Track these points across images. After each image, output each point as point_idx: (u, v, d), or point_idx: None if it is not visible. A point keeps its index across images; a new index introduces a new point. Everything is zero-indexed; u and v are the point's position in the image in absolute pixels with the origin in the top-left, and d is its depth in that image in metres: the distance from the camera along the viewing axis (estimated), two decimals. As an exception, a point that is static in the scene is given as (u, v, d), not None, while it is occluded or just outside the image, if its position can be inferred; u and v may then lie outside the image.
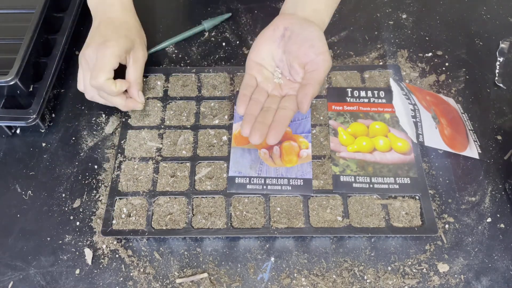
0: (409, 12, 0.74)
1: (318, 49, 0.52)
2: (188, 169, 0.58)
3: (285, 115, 0.53)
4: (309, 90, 0.52)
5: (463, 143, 0.59)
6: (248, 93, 0.55)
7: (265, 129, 0.52)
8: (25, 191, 0.59)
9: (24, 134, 0.64)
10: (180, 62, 0.69)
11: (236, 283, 0.52)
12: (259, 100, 0.54)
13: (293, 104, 0.53)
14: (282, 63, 0.56)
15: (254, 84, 0.56)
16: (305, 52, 0.53)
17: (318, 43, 0.53)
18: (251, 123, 0.52)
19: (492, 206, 0.56)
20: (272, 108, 0.54)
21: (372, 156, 0.57)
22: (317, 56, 0.52)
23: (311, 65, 0.53)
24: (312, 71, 0.53)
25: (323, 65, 0.52)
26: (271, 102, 0.54)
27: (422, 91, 0.63)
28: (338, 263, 0.53)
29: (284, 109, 0.53)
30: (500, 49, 0.69)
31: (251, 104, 0.54)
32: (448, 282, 0.51)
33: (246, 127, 0.52)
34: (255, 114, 0.53)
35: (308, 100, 0.52)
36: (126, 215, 0.55)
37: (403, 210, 0.54)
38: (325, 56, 0.52)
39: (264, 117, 0.53)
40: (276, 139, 0.51)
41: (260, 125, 0.52)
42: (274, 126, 0.52)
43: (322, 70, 0.52)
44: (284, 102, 0.54)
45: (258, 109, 0.54)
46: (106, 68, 0.56)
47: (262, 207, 0.55)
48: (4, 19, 0.70)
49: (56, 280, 0.53)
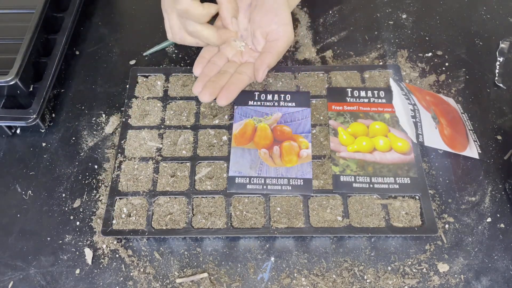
0: (409, 12, 0.74)
1: (281, 20, 0.53)
2: (188, 169, 0.58)
3: (240, 78, 0.53)
4: (267, 58, 0.53)
5: (463, 143, 0.59)
6: (208, 56, 0.55)
7: (217, 89, 0.52)
8: (25, 191, 0.59)
9: (24, 134, 0.64)
10: (180, 62, 0.69)
11: (236, 283, 0.52)
12: (217, 64, 0.55)
13: (250, 71, 0.54)
14: (246, 32, 0.56)
15: (215, 49, 0.56)
16: (268, 22, 0.53)
17: (282, 14, 0.53)
18: (204, 82, 0.53)
19: (492, 206, 0.56)
20: (229, 72, 0.54)
21: (372, 156, 0.57)
22: (279, 27, 0.53)
23: (272, 34, 0.53)
24: (272, 41, 0.53)
25: (284, 35, 0.53)
26: (228, 67, 0.55)
27: (422, 91, 0.63)
28: (338, 263, 0.53)
29: (240, 73, 0.54)
30: (500, 49, 0.69)
31: (208, 66, 0.55)
32: (448, 282, 0.51)
33: (199, 85, 0.53)
34: (210, 75, 0.53)
35: (264, 68, 0.53)
36: (126, 215, 0.55)
37: (403, 210, 0.54)
38: (287, 27, 0.53)
39: (218, 78, 0.53)
40: (227, 100, 0.52)
41: (212, 84, 0.52)
42: (227, 87, 0.52)
43: (283, 40, 0.53)
44: (241, 67, 0.55)
45: (214, 71, 0.54)
46: None
47: (262, 207, 0.55)
48: (4, 19, 0.70)
49: (56, 280, 0.53)
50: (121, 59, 0.70)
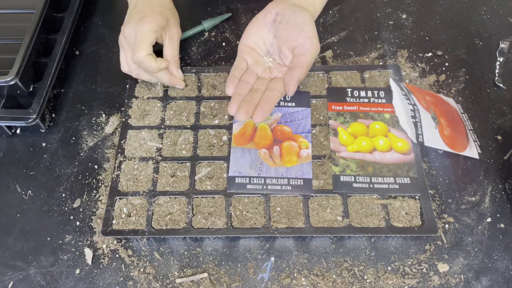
0: (409, 12, 0.74)
1: (307, 34, 0.54)
2: (188, 169, 0.58)
3: (272, 95, 0.54)
4: (296, 73, 0.54)
5: (463, 143, 0.59)
6: (238, 75, 0.56)
7: (252, 108, 0.53)
8: (25, 191, 0.59)
9: (24, 134, 0.64)
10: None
11: (236, 283, 0.52)
12: (248, 82, 0.56)
13: (280, 86, 0.55)
14: (272, 47, 0.58)
15: (244, 66, 0.57)
16: (294, 37, 0.54)
17: (307, 28, 0.54)
18: (239, 101, 0.54)
19: (492, 206, 0.56)
20: (260, 90, 0.55)
21: (372, 156, 0.57)
22: (306, 41, 0.54)
23: (299, 49, 0.54)
24: (300, 55, 0.54)
25: (311, 49, 0.54)
26: (259, 84, 0.56)
27: (422, 91, 0.63)
28: (338, 263, 0.53)
29: (272, 90, 0.55)
30: (500, 49, 0.68)
31: (240, 85, 0.56)
32: (448, 282, 0.51)
33: (233, 105, 0.54)
34: (243, 94, 0.55)
35: (295, 82, 0.54)
36: (126, 215, 0.55)
37: (403, 210, 0.54)
38: (313, 40, 0.54)
39: (251, 97, 0.54)
40: (262, 117, 0.53)
41: (246, 104, 0.53)
42: (261, 106, 0.53)
43: (310, 54, 0.54)
44: (272, 84, 0.56)
45: (246, 90, 0.55)
46: (145, 43, 0.57)
47: (262, 207, 0.55)
48: (4, 19, 0.70)
49: (56, 280, 0.53)
50: (121, 59, 0.70)
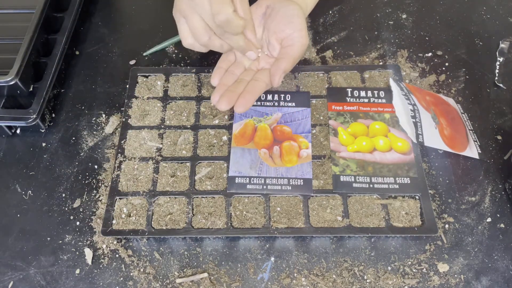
0: (409, 12, 0.74)
1: (295, 26, 0.53)
2: (188, 169, 0.58)
3: (257, 85, 0.54)
4: (282, 64, 0.53)
5: (463, 143, 0.59)
6: (225, 66, 0.56)
7: (234, 97, 0.52)
8: (25, 191, 0.59)
9: (24, 134, 0.64)
10: (180, 62, 0.69)
11: (236, 283, 0.52)
12: (234, 73, 0.56)
13: (266, 77, 0.54)
14: (261, 41, 0.57)
15: (232, 59, 0.57)
16: (283, 28, 0.54)
17: (296, 20, 0.54)
18: (222, 91, 0.53)
19: (492, 206, 0.56)
20: (245, 80, 0.55)
21: (372, 156, 0.57)
22: (294, 32, 0.54)
23: (287, 40, 0.54)
24: (288, 46, 0.54)
25: (299, 41, 0.53)
26: (245, 75, 0.56)
27: (422, 91, 0.63)
28: (338, 263, 0.53)
29: (257, 80, 0.54)
30: (500, 49, 0.69)
31: (226, 75, 0.55)
32: (448, 282, 0.51)
33: (216, 95, 0.53)
34: (228, 85, 0.54)
35: (280, 73, 0.53)
36: (126, 215, 0.55)
37: (403, 210, 0.54)
38: (302, 33, 0.54)
39: (235, 87, 0.53)
40: (244, 107, 0.52)
41: (229, 93, 0.52)
42: (243, 95, 0.52)
43: (298, 45, 0.54)
44: (258, 74, 0.55)
45: (232, 81, 0.55)
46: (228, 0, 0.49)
47: (262, 207, 0.55)
48: (4, 19, 0.70)
49: (56, 280, 0.53)
50: (121, 59, 0.70)
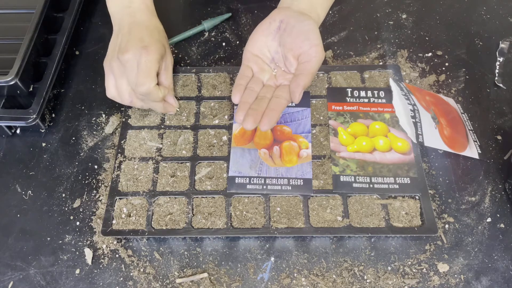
0: (409, 12, 0.74)
1: (312, 42, 0.54)
2: (188, 169, 0.58)
3: (279, 103, 0.54)
4: (301, 80, 0.54)
5: (463, 143, 0.59)
6: (244, 83, 0.56)
7: (259, 115, 0.53)
8: (25, 191, 0.59)
9: (24, 134, 0.64)
10: (180, 62, 0.69)
11: (236, 283, 0.52)
12: (254, 90, 0.56)
13: (286, 94, 0.55)
14: (277, 55, 0.57)
15: (250, 74, 0.57)
16: (299, 44, 0.54)
17: (312, 36, 0.54)
18: (245, 110, 0.54)
19: (492, 206, 0.56)
20: (267, 97, 0.55)
21: (372, 156, 0.57)
22: (310, 48, 0.54)
23: (304, 56, 0.54)
24: (305, 62, 0.54)
25: (316, 56, 0.54)
26: (265, 92, 0.56)
27: (422, 91, 0.63)
28: (338, 263, 0.53)
29: (278, 97, 0.55)
30: (500, 49, 0.69)
31: (246, 93, 0.56)
32: (448, 282, 0.51)
33: (240, 114, 0.54)
34: (250, 102, 0.55)
35: (300, 90, 0.54)
36: (126, 215, 0.55)
37: (403, 210, 0.54)
38: (318, 48, 0.54)
39: (258, 105, 0.54)
40: (269, 125, 0.53)
41: (253, 112, 0.53)
42: (267, 113, 0.53)
43: (315, 61, 0.54)
44: (278, 91, 0.56)
45: (253, 98, 0.55)
46: (152, 74, 0.56)
47: (262, 207, 0.55)
48: (4, 19, 0.70)
49: (56, 280, 0.53)
50: (121, 59, 0.70)
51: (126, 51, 0.56)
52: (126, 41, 0.57)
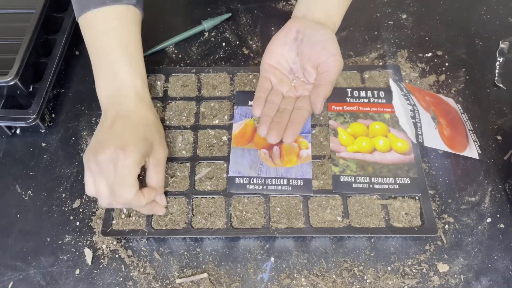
0: (409, 12, 0.74)
1: (330, 51, 0.54)
2: (188, 169, 0.58)
3: (301, 114, 0.54)
4: (322, 90, 0.53)
5: (463, 143, 0.59)
6: (264, 95, 0.56)
7: (282, 128, 0.53)
8: (25, 191, 0.59)
9: (24, 134, 0.64)
10: (180, 62, 0.69)
11: (236, 283, 0.52)
12: (275, 102, 0.56)
13: (307, 104, 0.55)
14: (295, 65, 0.57)
15: (269, 86, 0.57)
16: (318, 54, 0.54)
17: (330, 45, 0.54)
18: (268, 123, 0.54)
19: (492, 206, 0.56)
20: (288, 109, 0.55)
21: (372, 156, 0.57)
22: (329, 58, 0.54)
23: (323, 66, 0.54)
24: (324, 72, 0.54)
25: (335, 66, 0.54)
26: (286, 103, 0.56)
27: (422, 91, 0.63)
28: (338, 263, 0.53)
29: (300, 109, 0.55)
30: (500, 49, 0.68)
31: (267, 106, 0.55)
32: (448, 282, 0.51)
33: (263, 127, 0.53)
34: (272, 115, 0.55)
35: (321, 100, 0.54)
36: (126, 215, 0.55)
37: (403, 210, 0.54)
38: (337, 57, 0.54)
39: (280, 118, 0.54)
40: (293, 138, 0.53)
41: (277, 125, 0.53)
42: (290, 126, 0.53)
43: (334, 71, 0.54)
44: (299, 102, 0.56)
45: (274, 110, 0.55)
46: (131, 181, 0.49)
47: (262, 207, 0.55)
48: (4, 19, 0.70)
49: (56, 280, 0.53)
50: (121, 59, 0.70)
51: (102, 151, 0.49)
52: (105, 138, 0.51)
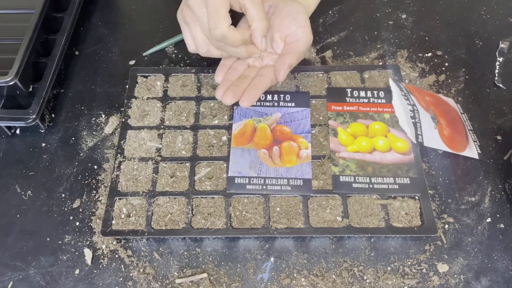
0: (409, 12, 0.74)
1: (299, 23, 0.54)
2: (187, 169, 0.58)
3: (262, 80, 0.54)
4: (287, 58, 0.54)
5: (463, 143, 0.59)
6: (228, 64, 0.56)
7: (239, 92, 0.53)
8: (24, 191, 0.59)
9: (24, 134, 0.64)
10: (180, 62, 0.69)
11: (236, 283, 0.52)
12: (238, 69, 0.56)
13: (271, 73, 0.55)
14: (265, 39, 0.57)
15: None
16: (287, 25, 0.54)
17: (300, 17, 0.54)
18: (226, 86, 0.53)
19: (492, 206, 0.56)
20: (250, 76, 0.55)
21: (372, 156, 0.57)
22: (298, 29, 0.54)
23: (292, 36, 0.55)
24: (292, 42, 0.54)
25: (303, 37, 0.54)
26: (249, 71, 0.56)
27: (422, 91, 0.63)
28: (338, 263, 0.53)
29: (262, 76, 0.55)
30: (500, 49, 0.68)
31: (229, 72, 0.55)
32: (448, 282, 0.51)
33: (221, 90, 0.53)
34: (232, 80, 0.54)
35: (285, 68, 0.53)
36: (125, 215, 0.55)
37: (403, 210, 0.54)
38: (306, 29, 0.54)
39: (240, 82, 0.54)
40: (249, 102, 0.52)
41: (234, 87, 0.53)
42: (248, 90, 0.53)
43: (303, 41, 0.54)
44: (262, 70, 0.56)
45: (235, 76, 0.55)
46: (223, 13, 0.50)
47: (261, 207, 0.55)
48: (4, 19, 0.70)
49: (55, 280, 0.53)
50: (121, 59, 0.70)
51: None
52: None
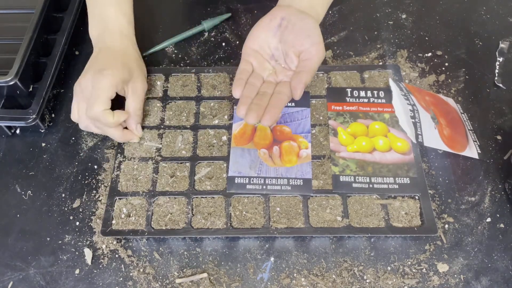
0: (409, 12, 0.74)
1: (313, 40, 0.54)
2: (187, 169, 0.58)
3: (280, 99, 0.55)
4: (303, 77, 0.54)
5: (463, 143, 0.59)
6: (244, 78, 0.56)
7: (261, 110, 0.53)
8: (24, 191, 0.59)
9: (24, 134, 0.64)
10: (180, 62, 0.69)
11: (236, 283, 0.52)
12: (255, 84, 0.56)
13: (287, 90, 0.55)
14: (277, 52, 0.57)
15: (250, 69, 0.57)
16: (301, 42, 0.55)
17: (313, 34, 0.55)
18: (247, 104, 0.54)
19: (492, 206, 0.56)
20: (268, 93, 0.56)
21: (372, 156, 0.57)
22: (312, 46, 0.54)
23: (305, 54, 0.55)
24: (306, 60, 0.55)
25: (317, 55, 0.54)
26: (266, 87, 0.56)
27: (422, 91, 0.63)
28: (338, 263, 0.53)
29: (279, 93, 0.55)
30: (500, 49, 0.68)
31: (247, 87, 0.56)
32: (448, 282, 0.51)
33: (243, 108, 0.54)
34: (251, 97, 0.55)
35: (302, 86, 0.54)
36: (125, 215, 0.55)
37: (403, 210, 0.54)
38: (319, 46, 0.54)
39: (260, 100, 0.54)
40: (271, 121, 0.53)
41: (256, 107, 0.53)
42: (269, 109, 0.54)
43: (316, 59, 0.54)
44: (279, 87, 0.56)
45: (254, 92, 0.56)
46: (102, 98, 0.55)
47: (261, 207, 0.55)
48: (4, 19, 0.70)
49: (56, 280, 0.53)
50: (121, 59, 0.70)
51: (84, 75, 0.57)
52: (89, 66, 0.59)
